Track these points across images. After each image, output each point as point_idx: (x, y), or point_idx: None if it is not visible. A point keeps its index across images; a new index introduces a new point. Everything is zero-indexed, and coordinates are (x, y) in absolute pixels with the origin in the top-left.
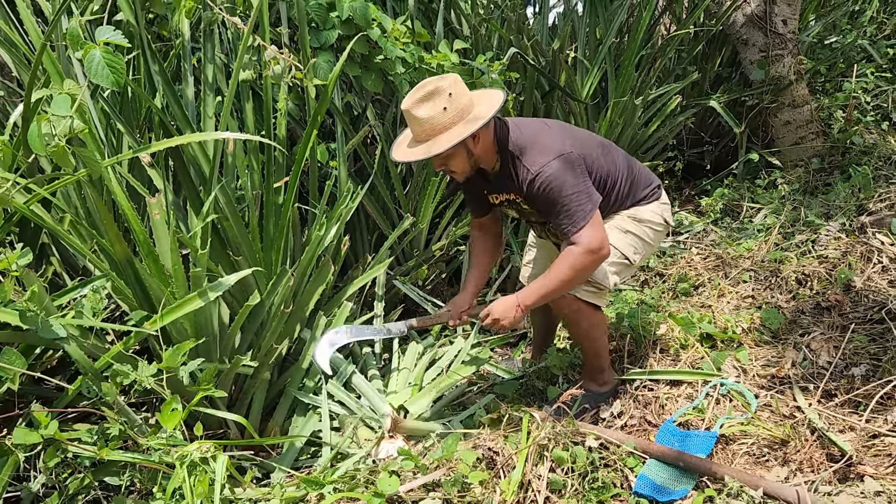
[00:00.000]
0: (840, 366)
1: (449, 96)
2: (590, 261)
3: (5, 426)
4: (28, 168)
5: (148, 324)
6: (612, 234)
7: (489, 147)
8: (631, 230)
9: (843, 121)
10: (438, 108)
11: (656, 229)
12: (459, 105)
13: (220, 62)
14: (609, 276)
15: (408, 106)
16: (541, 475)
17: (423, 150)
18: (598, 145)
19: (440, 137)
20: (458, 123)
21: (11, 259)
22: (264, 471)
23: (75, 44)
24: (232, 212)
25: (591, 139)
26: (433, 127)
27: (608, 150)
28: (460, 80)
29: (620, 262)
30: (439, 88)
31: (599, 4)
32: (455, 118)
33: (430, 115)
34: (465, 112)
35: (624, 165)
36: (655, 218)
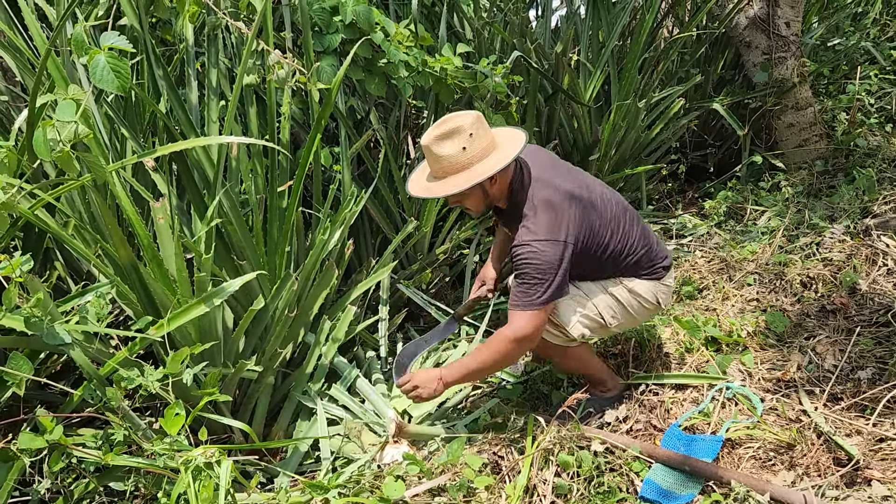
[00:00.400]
0: (846, 369)
1: (469, 136)
2: (513, 349)
3: (11, 431)
4: (32, 173)
5: (153, 329)
6: (596, 292)
7: (505, 188)
8: (616, 295)
9: (847, 123)
10: (458, 147)
11: (645, 306)
12: (479, 146)
13: (224, 66)
14: (577, 326)
15: (427, 142)
16: (546, 480)
17: (439, 188)
18: (613, 217)
19: (457, 177)
20: (475, 164)
21: (15, 265)
22: (269, 475)
23: (80, 49)
24: (236, 216)
25: (604, 206)
26: (451, 165)
27: (624, 223)
28: (482, 120)
29: (594, 319)
30: (461, 128)
31: (602, 7)
32: (473, 159)
33: (449, 153)
34: (485, 153)
35: (637, 242)
36: (648, 295)
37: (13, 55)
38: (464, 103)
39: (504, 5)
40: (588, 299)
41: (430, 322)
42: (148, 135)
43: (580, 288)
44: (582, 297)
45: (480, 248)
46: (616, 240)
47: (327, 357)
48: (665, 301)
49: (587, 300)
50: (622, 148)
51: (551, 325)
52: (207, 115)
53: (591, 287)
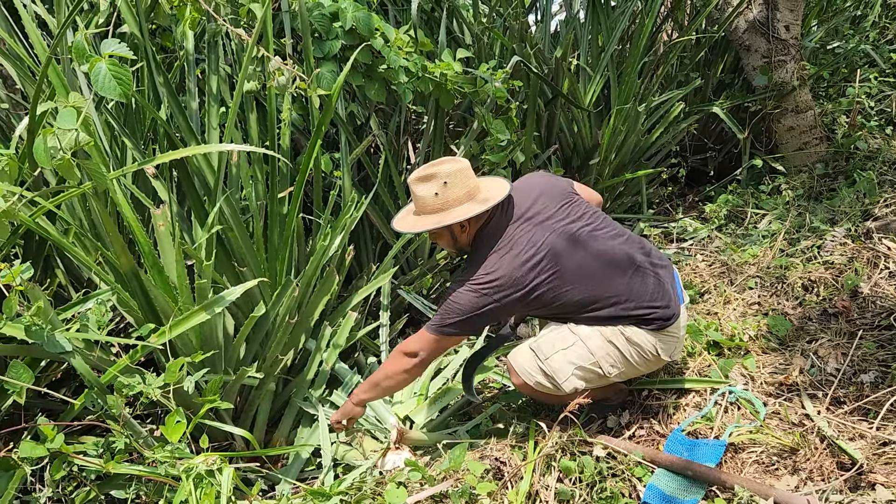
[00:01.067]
0: (848, 373)
1: (444, 185)
2: (399, 363)
3: (12, 439)
4: (33, 181)
5: (154, 337)
6: (594, 337)
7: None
8: (615, 343)
9: (847, 126)
10: (431, 192)
11: (645, 357)
12: (452, 195)
13: (224, 73)
14: (570, 378)
15: (410, 180)
16: (548, 485)
17: (409, 225)
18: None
19: (424, 218)
20: (443, 210)
21: (15, 273)
22: (270, 482)
23: (81, 57)
24: (237, 222)
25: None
26: (424, 206)
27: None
28: (466, 170)
29: (591, 370)
30: (438, 174)
31: (601, 12)
32: (445, 205)
33: (424, 195)
34: (457, 202)
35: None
36: (647, 346)
37: (14, 63)
38: (464, 108)
39: (503, 10)
40: (585, 347)
41: None
42: (148, 142)
43: (577, 334)
44: (579, 345)
45: None
46: (587, 290)
47: (328, 363)
48: (666, 352)
49: (584, 348)
50: (622, 152)
51: (543, 375)
52: (208, 122)
53: (588, 333)
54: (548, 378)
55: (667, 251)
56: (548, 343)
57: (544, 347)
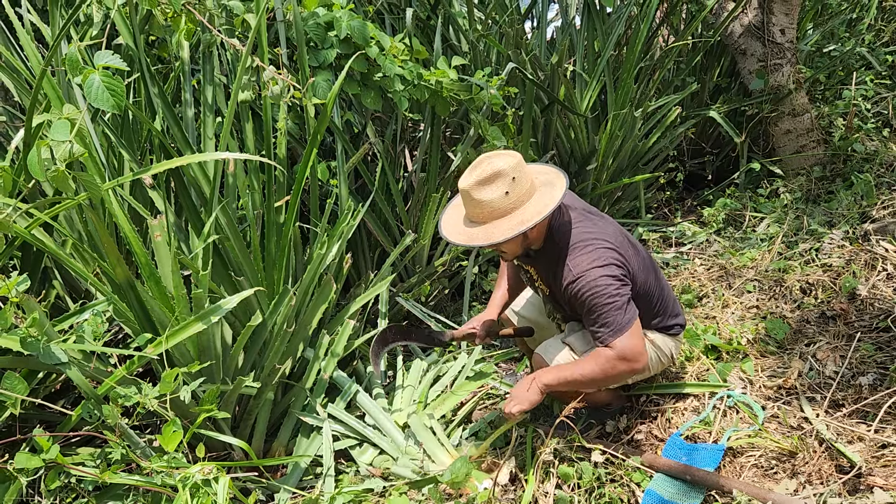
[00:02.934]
0: (847, 375)
1: (512, 180)
2: (622, 369)
3: (8, 451)
4: (30, 193)
5: (151, 347)
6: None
7: (544, 231)
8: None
9: (844, 128)
10: (500, 192)
11: (661, 360)
12: (521, 190)
13: (220, 83)
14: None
15: (467, 186)
16: (547, 492)
17: (482, 237)
18: (651, 264)
19: (499, 223)
20: (518, 209)
21: (11, 285)
22: (269, 492)
23: (75, 69)
24: (233, 232)
25: (645, 258)
26: (493, 211)
27: (652, 271)
28: (522, 162)
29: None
30: (503, 171)
31: (597, 18)
32: (516, 203)
33: (491, 198)
34: (526, 197)
35: (663, 293)
36: (666, 349)
37: (10, 75)
38: (460, 116)
39: (499, 17)
40: None
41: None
42: (145, 152)
43: None
44: None
45: (479, 260)
46: (649, 285)
47: (326, 372)
48: (676, 356)
49: None
50: (619, 157)
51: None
52: (203, 132)
53: None
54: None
55: (665, 255)
56: (581, 340)
57: (578, 344)
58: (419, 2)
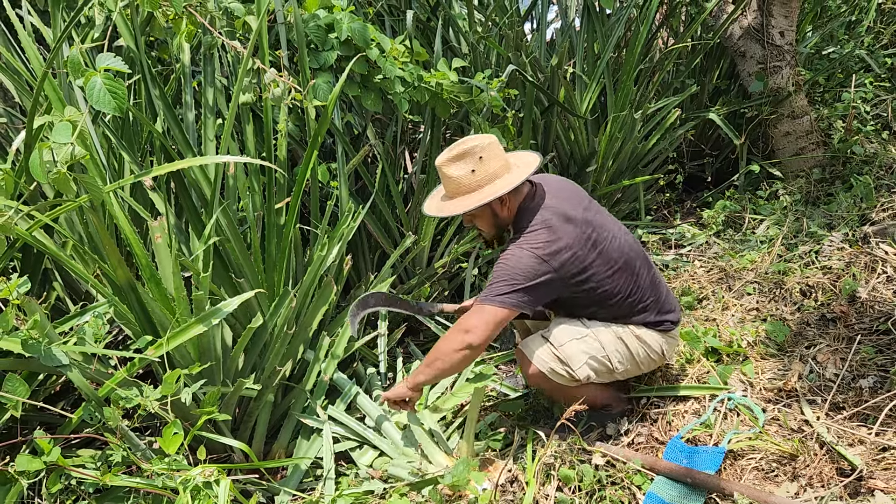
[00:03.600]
0: (847, 378)
1: (479, 160)
2: (453, 341)
3: (9, 453)
4: (31, 194)
5: (152, 349)
6: (605, 334)
7: (515, 211)
8: (625, 340)
9: (843, 131)
10: (467, 169)
11: (651, 356)
12: (489, 169)
13: (221, 85)
14: (583, 367)
15: (440, 163)
16: (548, 495)
17: (449, 208)
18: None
19: (466, 198)
20: (484, 187)
21: (12, 287)
22: (270, 494)
23: (76, 71)
24: (234, 234)
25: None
26: (460, 186)
27: (630, 272)
28: (496, 143)
29: (602, 362)
30: (472, 150)
31: (597, 20)
32: (482, 181)
33: (459, 174)
34: (495, 176)
35: (647, 290)
36: (655, 345)
37: (11, 77)
38: (460, 117)
39: (499, 19)
40: (597, 341)
41: (429, 336)
42: (146, 154)
43: (589, 328)
44: (591, 338)
45: (479, 262)
46: (622, 283)
47: (327, 373)
48: (668, 353)
49: (596, 341)
50: (619, 159)
51: (558, 363)
52: (204, 134)
53: (600, 329)
54: (562, 365)
55: (665, 257)
56: (561, 332)
57: (558, 336)
58: (419, 4)
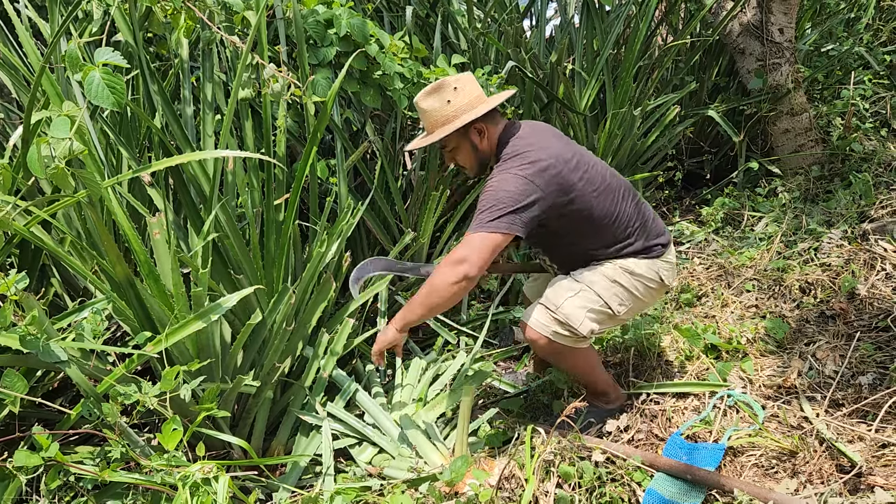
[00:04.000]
0: (847, 375)
1: (454, 90)
2: (447, 274)
3: (7, 449)
4: (28, 190)
5: (150, 345)
6: (599, 281)
7: (495, 145)
8: (620, 281)
9: (842, 128)
10: (442, 100)
11: (649, 286)
12: (464, 99)
13: (219, 81)
14: (585, 321)
15: (417, 99)
16: (548, 491)
17: (426, 140)
18: (603, 186)
19: (443, 129)
20: (459, 116)
21: (10, 283)
22: (269, 491)
23: (74, 66)
24: (233, 230)
25: (597, 177)
26: (436, 119)
27: (611, 194)
28: (472, 79)
29: (602, 311)
30: (447, 82)
31: (596, 16)
32: (458, 111)
33: (434, 107)
34: (470, 106)
35: (632, 214)
36: (650, 274)
37: (8, 72)
38: None
39: (498, 16)
40: (592, 291)
41: (428, 333)
42: (144, 150)
43: (581, 281)
44: (585, 290)
45: None
46: (606, 205)
47: (326, 370)
48: (668, 278)
49: (591, 292)
50: (618, 156)
51: (559, 324)
52: (203, 130)
53: (591, 277)
54: (563, 326)
55: None
56: (555, 294)
57: (553, 298)
58: (418, 0)
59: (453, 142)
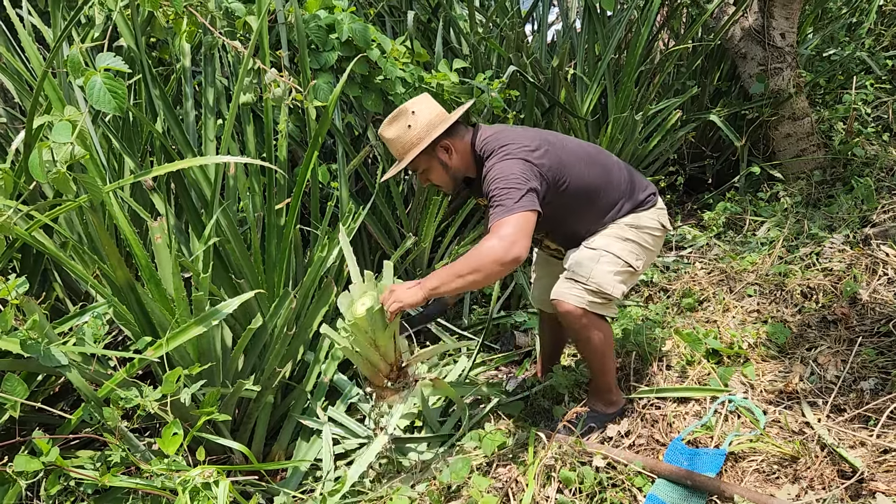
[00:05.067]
0: (848, 380)
1: (412, 114)
2: (500, 253)
3: (7, 454)
4: (30, 194)
5: (151, 350)
6: (613, 243)
7: (467, 156)
8: (630, 238)
9: (844, 132)
10: (403, 127)
11: (655, 235)
12: (423, 121)
13: (221, 85)
14: (616, 285)
15: (380, 132)
16: (548, 497)
17: (395, 168)
18: (587, 157)
19: (409, 154)
20: (425, 138)
21: (11, 287)
22: (269, 496)
23: (76, 70)
24: (234, 234)
25: (580, 150)
26: (402, 145)
27: (597, 161)
28: (428, 99)
29: (625, 270)
30: (404, 109)
31: (598, 21)
32: (421, 132)
33: (398, 134)
34: (431, 126)
35: (620, 175)
36: (653, 224)
37: (11, 77)
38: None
39: (500, 20)
40: (610, 255)
41: (430, 338)
42: (146, 154)
43: (597, 248)
44: (604, 254)
45: None
46: (598, 172)
47: (327, 375)
48: (666, 223)
49: (610, 256)
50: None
51: (592, 293)
52: (204, 134)
53: (604, 241)
54: (597, 294)
55: (666, 259)
56: (580, 266)
57: (580, 270)
58: (420, 5)
59: (423, 163)
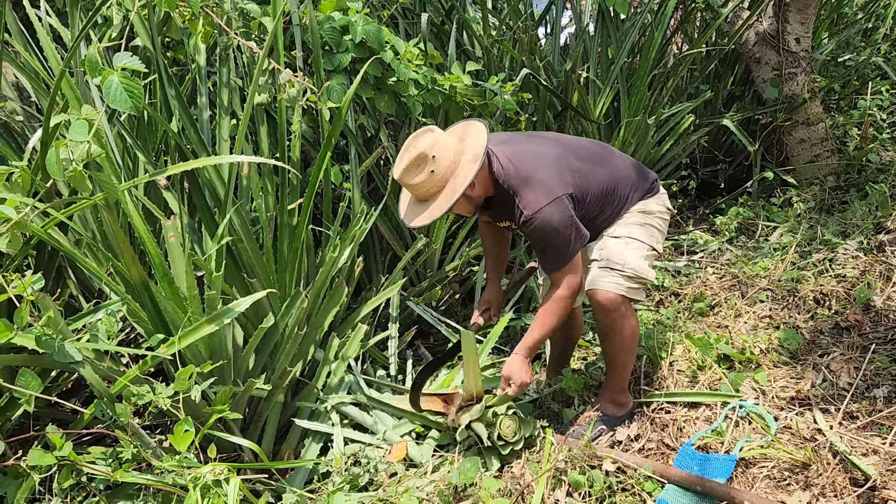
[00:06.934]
0: (861, 387)
1: (433, 159)
2: (569, 303)
3: (21, 448)
4: (46, 192)
5: (164, 347)
6: (634, 229)
7: (486, 180)
8: (647, 222)
9: (859, 138)
10: (426, 172)
11: (664, 217)
12: (445, 163)
13: (236, 86)
14: (648, 269)
15: (398, 177)
16: (558, 500)
17: (427, 216)
18: (597, 158)
19: (440, 198)
20: (449, 179)
21: (26, 284)
22: (278, 494)
23: (93, 70)
24: (246, 234)
25: (589, 151)
26: (428, 190)
27: (606, 160)
28: (439, 135)
29: (650, 254)
30: (421, 155)
31: (611, 24)
32: (446, 175)
33: (421, 181)
34: (454, 165)
35: (626, 167)
36: (661, 208)
37: (29, 76)
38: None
39: (513, 23)
40: (635, 240)
41: (439, 339)
42: (160, 153)
43: (620, 236)
44: (630, 240)
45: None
46: (610, 170)
47: (337, 375)
48: (669, 205)
49: (635, 241)
50: None
51: (629, 279)
52: (219, 134)
53: (626, 230)
54: (634, 280)
55: (677, 264)
56: (612, 254)
57: (614, 258)
58: (434, 7)
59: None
